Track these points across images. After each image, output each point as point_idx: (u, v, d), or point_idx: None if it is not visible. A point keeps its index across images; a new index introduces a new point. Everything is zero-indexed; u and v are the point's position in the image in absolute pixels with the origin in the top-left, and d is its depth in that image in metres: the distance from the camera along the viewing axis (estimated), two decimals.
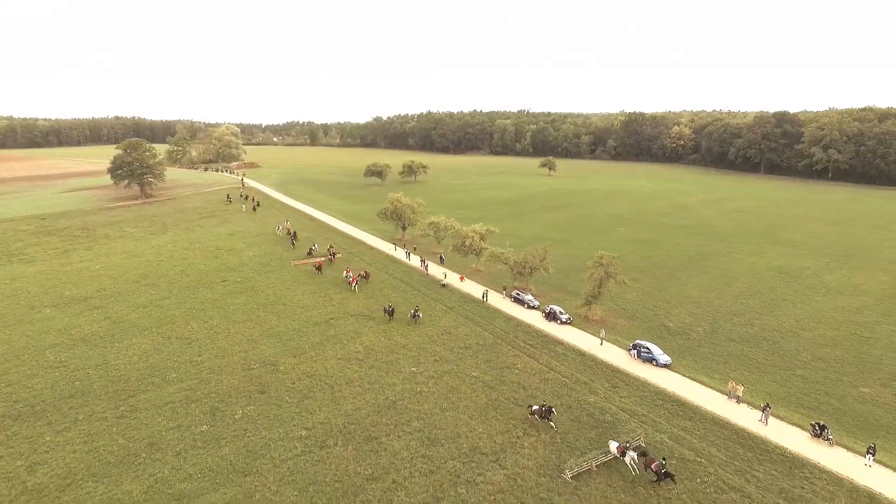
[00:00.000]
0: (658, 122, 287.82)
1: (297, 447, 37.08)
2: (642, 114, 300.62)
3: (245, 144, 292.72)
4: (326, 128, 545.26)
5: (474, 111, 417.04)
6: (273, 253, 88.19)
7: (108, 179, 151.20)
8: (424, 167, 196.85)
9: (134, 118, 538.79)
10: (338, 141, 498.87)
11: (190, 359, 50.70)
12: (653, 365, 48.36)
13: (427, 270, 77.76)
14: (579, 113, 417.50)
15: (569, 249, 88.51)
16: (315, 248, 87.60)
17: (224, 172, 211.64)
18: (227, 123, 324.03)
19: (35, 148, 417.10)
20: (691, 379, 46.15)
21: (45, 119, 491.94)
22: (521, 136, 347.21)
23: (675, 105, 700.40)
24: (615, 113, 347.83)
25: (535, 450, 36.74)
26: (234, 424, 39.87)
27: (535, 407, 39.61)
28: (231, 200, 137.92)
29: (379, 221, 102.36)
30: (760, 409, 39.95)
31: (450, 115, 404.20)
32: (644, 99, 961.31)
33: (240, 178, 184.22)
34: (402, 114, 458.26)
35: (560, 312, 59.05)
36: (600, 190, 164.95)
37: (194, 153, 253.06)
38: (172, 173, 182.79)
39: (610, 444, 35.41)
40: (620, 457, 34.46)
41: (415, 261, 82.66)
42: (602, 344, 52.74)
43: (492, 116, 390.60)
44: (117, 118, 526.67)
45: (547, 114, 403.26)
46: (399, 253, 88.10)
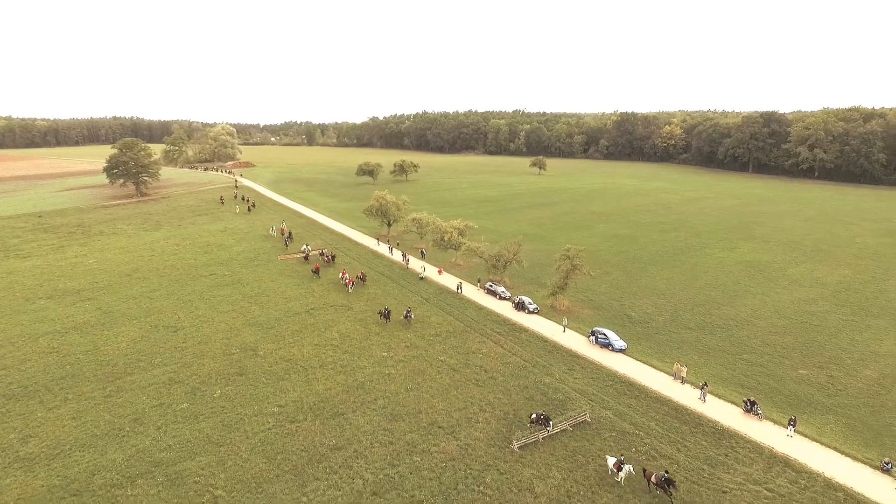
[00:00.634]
0: (650, 122, 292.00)
1: (270, 422, 40.26)
2: (634, 114, 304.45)
3: (242, 144, 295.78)
4: (323, 128, 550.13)
5: (469, 111, 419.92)
6: (261, 248, 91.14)
7: (105, 178, 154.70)
8: (415, 166, 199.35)
9: (132, 118, 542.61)
10: (334, 141, 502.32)
11: (175, 345, 53.79)
12: (609, 350, 51.44)
13: (408, 265, 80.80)
14: (574, 113, 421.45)
15: (546, 245, 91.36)
16: (308, 249, 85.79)
17: (219, 172, 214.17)
18: (223, 123, 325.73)
19: (33, 148, 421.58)
20: (643, 362, 49.33)
21: (44, 119, 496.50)
22: (515, 136, 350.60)
23: (672, 105, 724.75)
24: (608, 113, 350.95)
25: (489, 424, 39.91)
26: (213, 402, 43.01)
27: (534, 415, 38.85)
28: (224, 202, 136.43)
29: (365, 218, 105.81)
30: (700, 388, 43.10)
31: (444, 115, 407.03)
32: (642, 99, 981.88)
33: (234, 178, 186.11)
34: (398, 114, 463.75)
35: (529, 303, 62.26)
36: (585, 188, 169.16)
37: (191, 153, 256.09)
38: (168, 172, 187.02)
39: (607, 460, 34.32)
40: (616, 471, 33.19)
41: (397, 255, 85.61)
42: (564, 331, 55.84)
43: (486, 116, 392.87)
44: (115, 118, 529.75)
45: (541, 114, 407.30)
46: (382, 248, 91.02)
